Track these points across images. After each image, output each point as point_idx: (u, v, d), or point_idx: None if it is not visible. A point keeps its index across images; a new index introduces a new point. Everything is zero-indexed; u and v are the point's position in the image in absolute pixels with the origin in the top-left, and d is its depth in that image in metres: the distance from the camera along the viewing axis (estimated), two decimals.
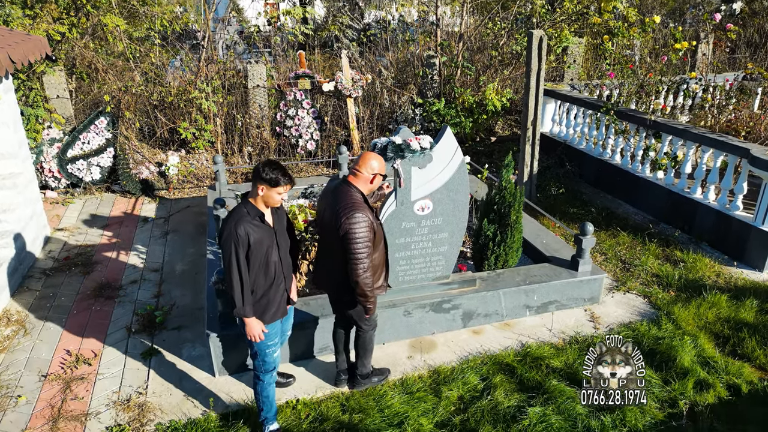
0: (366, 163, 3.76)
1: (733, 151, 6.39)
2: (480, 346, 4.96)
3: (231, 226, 3.39)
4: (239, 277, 3.45)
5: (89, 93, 9.97)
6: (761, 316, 5.24)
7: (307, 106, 9.75)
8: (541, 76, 7.41)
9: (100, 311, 5.57)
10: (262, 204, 3.51)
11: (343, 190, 3.75)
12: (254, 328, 3.62)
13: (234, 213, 3.47)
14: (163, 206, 8.36)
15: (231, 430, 3.96)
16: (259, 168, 3.40)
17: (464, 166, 4.77)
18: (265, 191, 3.43)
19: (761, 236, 6.09)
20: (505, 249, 5.51)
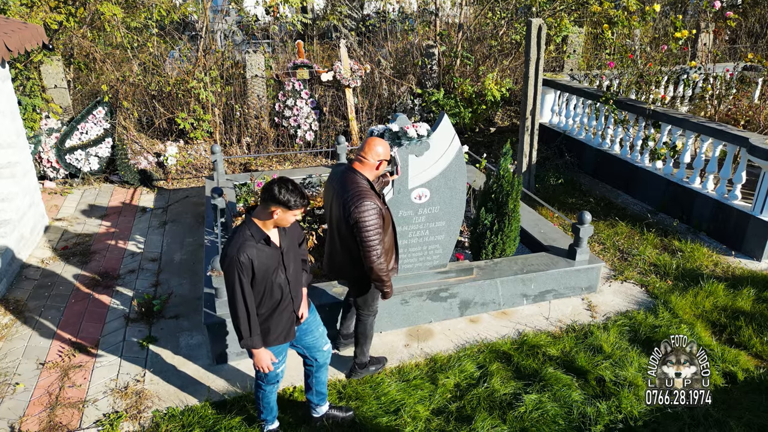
0: (372, 149, 3.73)
1: (732, 141, 6.37)
2: (477, 335, 4.97)
3: (233, 252, 3.09)
4: (245, 306, 3.17)
5: (87, 83, 9.94)
6: (758, 305, 5.25)
7: (305, 97, 9.72)
8: (540, 65, 7.39)
9: (98, 300, 5.58)
10: (270, 225, 3.21)
11: (350, 177, 3.72)
12: (263, 360, 3.35)
13: (236, 236, 3.16)
14: (162, 196, 8.36)
15: (227, 418, 3.97)
16: (273, 188, 3.05)
17: (461, 154, 4.76)
18: (280, 214, 3.12)
19: (759, 225, 6.09)
20: (502, 238, 5.50)
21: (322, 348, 3.75)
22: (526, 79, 7.46)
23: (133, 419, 4.04)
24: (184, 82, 9.12)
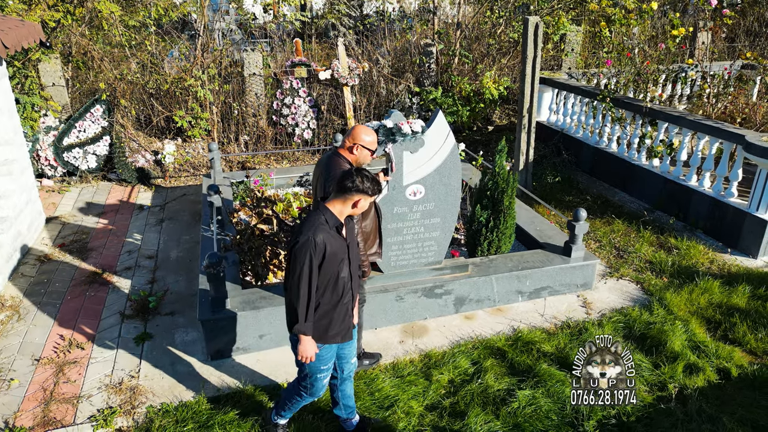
0: (353, 135, 3.86)
1: (729, 138, 6.37)
2: (472, 331, 4.98)
3: (309, 234, 3.06)
4: (308, 290, 3.11)
5: (86, 81, 9.95)
6: (753, 302, 5.25)
7: (303, 95, 9.72)
8: (537, 63, 7.39)
9: (94, 297, 5.59)
10: (345, 215, 3.24)
11: (333, 160, 3.85)
12: (309, 349, 3.25)
13: (311, 219, 3.15)
14: (159, 194, 8.37)
15: (221, 413, 3.98)
16: (355, 178, 3.11)
17: (456, 150, 4.76)
18: (362, 202, 3.18)
19: (755, 223, 6.09)
20: (497, 235, 5.51)
21: (350, 359, 3.65)
22: (522, 77, 7.47)
23: (127, 414, 4.05)
24: (182, 80, 9.12)
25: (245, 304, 4.64)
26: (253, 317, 4.59)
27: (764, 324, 4.89)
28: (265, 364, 4.55)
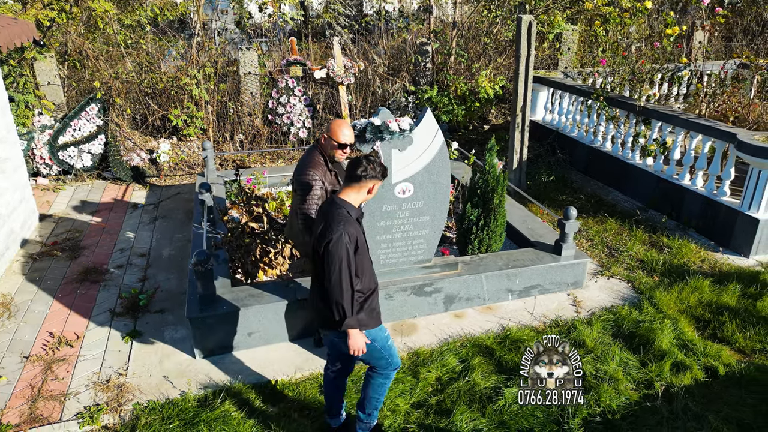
0: (328, 129, 3.96)
1: (721, 137, 6.37)
2: (461, 329, 4.98)
3: (340, 229, 3.06)
4: (350, 284, 3.11)
5: (82, 80, 9.97)
6: (743, 301, 5.24)
7: (298, 94, 9.73)
8: (530, 62, 7.38)
9: (85, 295, 5.59)
10: (360, 203, 3.28)
11: (307, 151, 4.00)
12: (359, 341, 3.24)
13: (334, 215, 3.14)
14: (154, 193, 8.38)
15: (207, 410, 3.98)
16: (367, 165, 3.15)
17: (445, 148, 4.76)
18: (376, 187, 3.26)
19: (747, 222, 6.08)
20: (488, 233, 5.51)
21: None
22: (516, 76, 7.46)
23: (114, 412, 4.05)
24: (177, 79, 9.13)
25: (234, 301, 4.64)
26: (241, 315, 4.59)
27: (753, 323, 4.88)
28: (254, 362, 4.55)
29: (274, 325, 4.71)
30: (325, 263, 3.10)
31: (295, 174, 3.91)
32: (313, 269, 3.29)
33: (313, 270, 3.29)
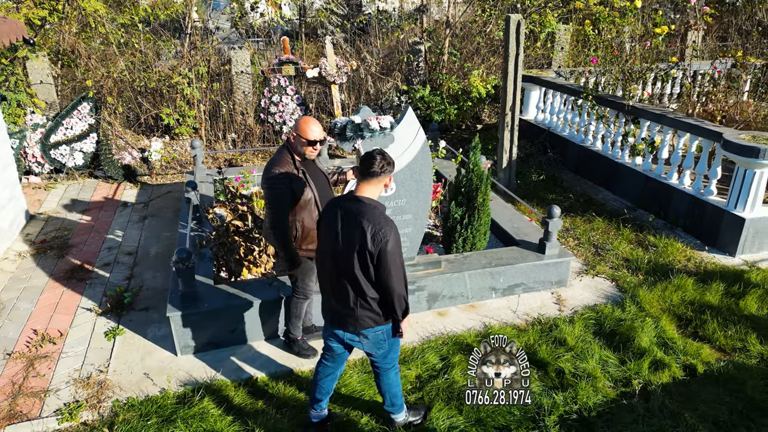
0: (297, 127, 3.92)
1: (708, 136, 6.37)
2: (443, 327, 4.98)
3: (392, 226, 3.12)
4: (404, 273, 3.23)
5: (75, 79, 9.99)
6: (726, 299, 5.25)
7: (291, 93, 9.74)
8: (519, 61, 7.39)
9: (71, 292, 5.61)
10: (377, 196, 3.33)
11: (278, 151, 3.99)
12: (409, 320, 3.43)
13: (376, 214, 3.14)
14: (145, 191, 8.40)
15: (186, 407, 3.99)
16: (382, 159, 3.17)
17: (427, 147, 4.78)
18: (389, 179, 3.31)
19: (733, 221, 6.08)
20: (472, 232, 5.52)
21: None
22: (505, 75, 7.47)
23: (93, 408, 4.06)
24: (169, 78, 9.15)
25: (216, 299, 4.65)
26: (224, 313, 4.61)
27: (735, 321, 4.89)
28: (235, 359, 4.57)
29: (256, 323, 4.72)
30: (384, 263, 3.10)
31: (263, 174, 3.91)
32: (347, 272, 3.19)
33: (352, 274, 3.19)
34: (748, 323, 4.88)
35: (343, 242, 3.16)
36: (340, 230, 3.18)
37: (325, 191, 4.08)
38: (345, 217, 3.18)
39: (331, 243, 3.23)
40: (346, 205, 3.22)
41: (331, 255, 3.25)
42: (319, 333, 4.79)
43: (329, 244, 3.25)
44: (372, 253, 3.09)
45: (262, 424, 3.86)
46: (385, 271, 3.11)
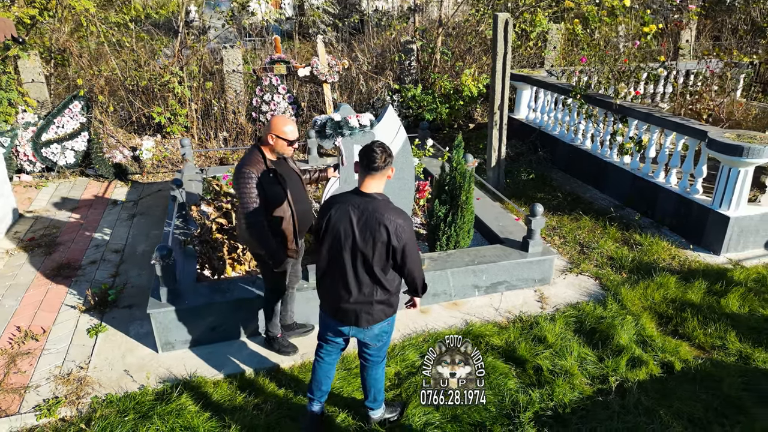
0: (270, 126, 3.89)
1: (693, 134, 6.38)
2: (425, 325, 5.00)
3: (407, 219, 3.25)
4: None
5: (67, 78, 10.02)
6: (708, 297, 5.26)
7: (282, 92, 9.75)
8: (507, 60, 7.40)
9: (56, 290, 5.63)
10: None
11: (249, 150, 3.98)
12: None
13: (392, 208, 3.24)
14: (135, 190, 8.42)
15: (163, 404, 4.01)
16: (384, 152, 3.20)
17: (408, 145, 4.79)
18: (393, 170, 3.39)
19: (718, 219, 6.09)
20: (455, 230, 5.53)
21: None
22: (493, 73, 7.48)
23: (72, 405, 4.08)
24: (160, 76, 9.17)
25: (198, 296, 4.67)
26: (205, 310, 4.62)
27: (715, 319, 4.90)
28: (216, 357, 4.58)
29: (237, 321, 4.74)
30: (406, 255, 3.23)
31: (234, 174, 3.89)
32: (366, 268, 3.26)
33: (371, 269, 3.26)
34: (729, 321, 4.89)
35: (362, 240, 3.19)
36: (356, 228, 3.20)
37: (298, 190, 4.09)
38: (362, 215, 3.20)
39: (346, 241, 3.23)
40: (358, 202, 3.23)
41: (348, 252, 3.25)
42: (300, 330, 4.81)
43: (343, 242, 3.24)
44: (396, 248, 3.19)
45: (239, 421, 3.87)
46: (408, 261, 3.25)
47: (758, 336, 4.71)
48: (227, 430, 3.80)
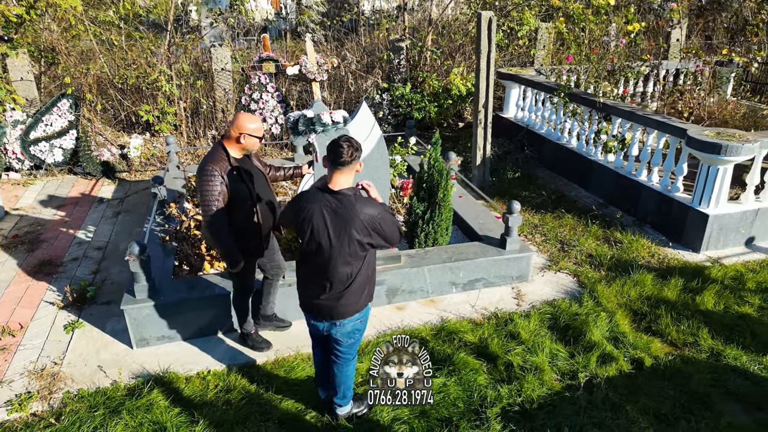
0: (237, 124, 3.87)
1: (673, 132, 6.39)
2: (401, 321, 5.02)
3: (376, 206, 3.31)
4: None
5: (58, 76, 10.04)
6: (684, 295, 5.27)
7: (271, 90, 9.77)
8: (491, 58, 7.41)
9: (36, 286, 5.65)
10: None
11: (212, 148, 3.96)
12: None
13: (364, 201, 3.29)
14: (122, 188, 8.44)
15: (134, 399, 4.03)
16: (346, 149, 3.20)
17: (383, 142, 4.81)
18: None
19: (698, 217, 6.10)
20: (434, 227, 5.54)
21: None
22: (477, 72, 7.49)
23: (44, 400, 4.11)
24: (148, 75, 9.19)
25: (173, 293, 4.69)
26: (180, 306, 4.64)
27: (689, 316, 4.91)
28: (190, 353, 4.61)
29: (212, 317, 4.76)
30: (383, 234, 3.29)
31: (197, 172, 3.87)
32: (342, 263, 3.30)
33: (347, 263, 3.30)
34: (702, 318, 4.90)
35: (337, 239, 3.22)
36: (330, 227, 3.22)
37: (262, 187, 4.10)
38: (335, 214, 3.22)
39: (321, 240, 3.26)
40: (329, 201, 3.25)
41: (323, 250, 3.27)
42: (279, 324, 4.83)
43: (318, 240, 3.27)
44: (373, 237, 3.26)
45: (208, 416, 3.89)
46: (386, 235, 3.31)
47: (731, 333, 4.72)
48: (195, 425, 3.82)
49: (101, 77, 9.51)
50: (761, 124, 8.23)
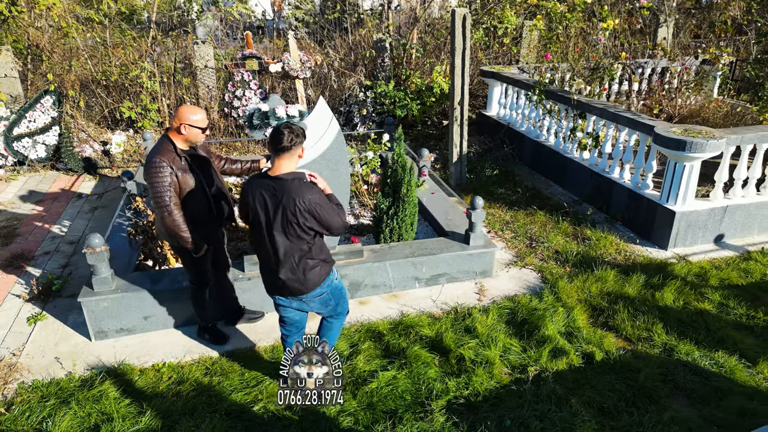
0: (178, 116, 3.91)
1: (642, 129, 6.40)
2: (361, 315, 5.04)
3: (312, 189, 3.44)
4: None
5: (43, 73, 10.10)
6: (645, 291, 5.28)
7: (254, 87, 9.81)
8: (466, 55, 7.42)
9: (5, 279, 5.70)
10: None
11: (158, 141, 4.00)
12: None
13: (300, 183, 3.41)
14: (102, 183, 8.50)
15: (86, 390, 4.07)
16: (286, 135, 3.33)
17: (341, 137, 4.83)
18: (303, 149, 3.56)
19: (666, 214, 6.11)
20: (398, 222, 5.57)
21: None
22: (452, 69, 7.51)
23: None
24: (130, 71, 9.25)
25: (132, 285, 4.73)
26: (138, 299, 4.68)
27: (646, 312, 4.93)
28: (147, 345, 4.65)
29: (170, 310, 4.80)
30: (318, 218, 3.41)
31: (145, 165, 3.88)
32: (287, 242, 3.45)
33: (293, 242, 3.45)
34: (660, 314, 4.91)
35: (280, 222, 3.39)
36: (271, 211, 3.40)
37: (209, 177, 4.13)
38: (274, 197, 3.38)
39: (267, 223, 3.45)
40: (267, 184, 3.42)
41: (271, 234, 3.45)
42: (249, 316, 4.88)
43: (264, 224, 3.46)
44: (307, 219, 3.37)
45: (156, 407, 3.93)
46: (323, 221, 3.42)
47: (686, 329, 4.73)
48: (143, 416, 3.85)
49: (84, 74, 9.57)
50: (744, 123, 8.22)
